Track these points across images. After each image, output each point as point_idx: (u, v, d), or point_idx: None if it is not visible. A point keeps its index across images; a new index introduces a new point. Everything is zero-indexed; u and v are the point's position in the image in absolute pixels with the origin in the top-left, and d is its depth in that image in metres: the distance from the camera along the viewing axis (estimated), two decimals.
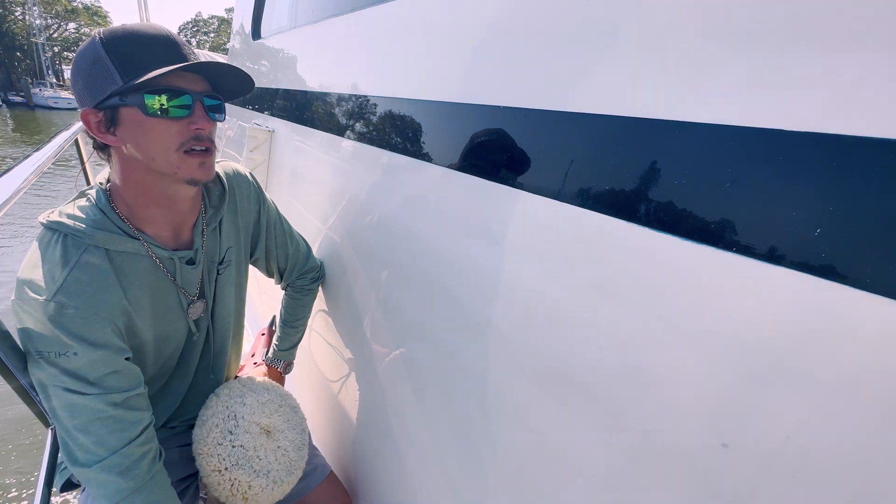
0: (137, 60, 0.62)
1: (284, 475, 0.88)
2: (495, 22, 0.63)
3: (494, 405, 0.61)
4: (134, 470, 0.68)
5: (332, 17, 1.20)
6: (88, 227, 0.67)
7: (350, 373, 1.04)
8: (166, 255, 0.74)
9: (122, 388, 0.68)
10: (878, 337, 0.29)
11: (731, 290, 0.36)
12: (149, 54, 0.62)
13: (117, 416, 0.67)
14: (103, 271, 0.67)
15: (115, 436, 0.67)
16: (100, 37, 0.62)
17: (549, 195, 0.52)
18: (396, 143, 0.84)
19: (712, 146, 0.38)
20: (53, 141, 1.31)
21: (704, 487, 0.38)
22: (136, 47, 0.62)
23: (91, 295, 0.65)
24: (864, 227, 0.30)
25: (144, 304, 0.74)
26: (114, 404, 0.66)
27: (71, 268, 0.64)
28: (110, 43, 0.62)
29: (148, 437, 0.71)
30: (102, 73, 0.62)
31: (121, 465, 0.67)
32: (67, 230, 0.66)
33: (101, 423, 0.66)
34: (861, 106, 0.30)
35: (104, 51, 0.61)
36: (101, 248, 0.67)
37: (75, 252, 0.65)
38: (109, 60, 0.61)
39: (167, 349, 0.82)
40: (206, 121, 0.67)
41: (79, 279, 0.64)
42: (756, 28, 0.36)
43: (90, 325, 0.64)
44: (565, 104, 0.51)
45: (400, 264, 0.83)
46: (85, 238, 0.66)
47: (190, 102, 0.65)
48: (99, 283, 0.66)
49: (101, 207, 0.69)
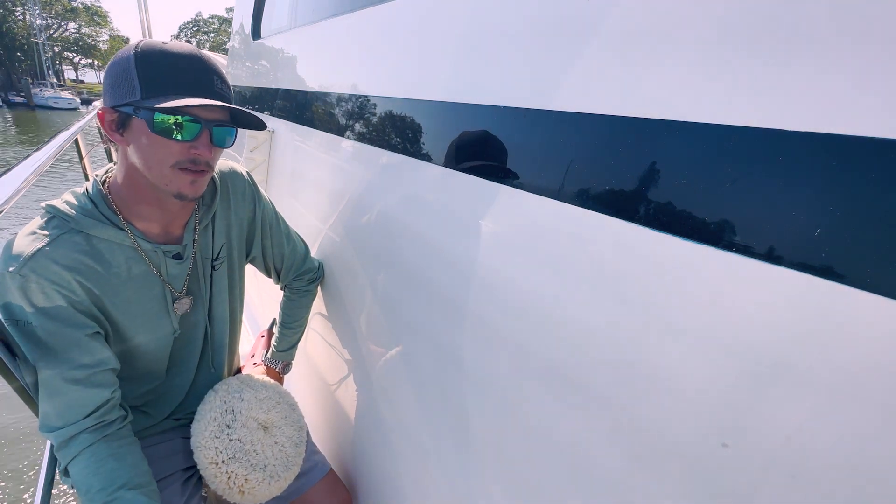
0: (161, 82, 0.66)
1: (281, 470, 0.88)
2: (495, 22, 0.63)
3: (493, 404, 0.61)
4: (82, 436, 0.70)
5: (332, 17, 1.20)
6: (77, 212, 0.71)
7: (350, 372, 1.04)
8: (151, 247, 0.77)
9: (84, 364, 0.70)
10: (878, 337, 0.29)
11: (731, 290, 0.36)
12: (174, 79, 0.66)
13: (76, 391, 0.69)
14: (76, 252, 0.70)
15: (73, 409, 0.70)
16: (136, 49, 0.66)
17: (550, 195, 0.52)
18: (396, 143, 0.84)
19: (712, 146, 0.38)
20: (53, 141, 1.31)
21: (704, 487, 0.38)
22: (164, 69, 0.66)
23: (55, 271, 0.68)
24: (864, 227, 0.30)
25: (123, 293, 0.76)
26: (74, 380, 0.69)
27: (44, 244, 0.68)
28: (143, 58, 0.66)
29: (104, 411, 0.72)
30: (127, 82, 0.66)
31: (66, 435, 0.70)
32: (57, 213, 0.70)
33: (61, 395, 0.69)
34: (861, 106, 0.30)
35: (135, 63, 0.65)
36: (83, 232, 0.71)
37: (55, 232, 0.69)
38: (136, 74, 0.65)
39: (154, 343, 0.83)
40: (207, 148, 0.70)
41: (47, 254, 0.67)
42: (756, 28, 0.36)
43: (49, 299, 0.67)
44: (565, 104, 0.51)
45: (399, 264, 0.83)
46: (70, 222, 0.70)
47: (197, 130, 0.68)
48: (68, 261, 0.69)
49: (91, 198, 0.73)
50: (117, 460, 0.71)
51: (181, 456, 0.91)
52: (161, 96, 0.65)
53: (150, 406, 0.90)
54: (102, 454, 0.70)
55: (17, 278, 0.65)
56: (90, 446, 0.70)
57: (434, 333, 0.73)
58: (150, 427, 0.91)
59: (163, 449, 0.90)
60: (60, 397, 0.69)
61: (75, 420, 0.70)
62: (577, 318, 0.49)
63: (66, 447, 0.70)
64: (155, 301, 0.81)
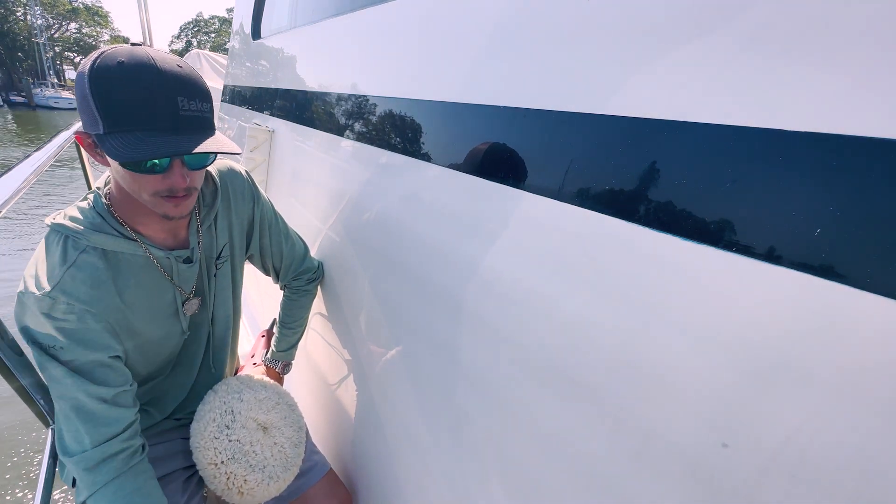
0: (121, 114, 0.60)
1: (280, 471, 0.88)
2: (495, 22, 0.63)
3: (493, 404, 0.61)
4: (111, 463, 0.69)
5: (332, 17, 1.20)
6: (86, 229, 0.70)
7: (350, 372, 1.04)
8: (163, 255, 0.76)
9: (109, 384, 0.70)
10: (878, 337, 0.29)
11: (731, 290, 0.36)
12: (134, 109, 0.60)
13: (100, 412, 0.69)
14: (98, 270, 0.70)
15: (96, 431, 0.69)
16: (91, 72, 0.59)
17: (550, 195, 0.52)
18: (396, 143, 0.84)
19: (712, 146, 0.38)
20: (53, 141, 1.31)
21: (704, 487, 0.38)
22: (121, 97, 0.59)
23: (84, 292, 0.68)
24: (864, 227, 0.30)
25: (141, 302, 0.76)
26: (100, 399, 0.69)
27: (68, 266, 0.67)
28: (97, 85, 0.59)
29: (130, 433, 0.72)
30: (89, 112, 0.60)
31: (95, 459, 0.69)
32: (68, 232, 0.69)
33: (84, 417, 0.68)
34: (861, 106, 0.30)
35: (90, 91, 0.59)
36: (98, 248, 0.70)
37: (74, 252, 0.69)
38: (94, 104, 0.59)
39: (165, 345, 0.84)
40: (181, 178, 0.66)
41: (74, 277, 0.67)
42: (756, 28, 0.36)
43: (80, 322, 0.67)
44: (565, 104, 0.51)
45: (399, 264, 0.83)
46: (83, 239, 0.69)
47: (167, 164, 0.65)
48: (93, 281, 0.69)
49: (98, 211, 0.72)
50: (142, 497, 0.71)
51: (182, 455, 0.91)
52: (125, 133, 0.60)
53: (151, 405, 0.90)
54: (128, 488, 0.69)
55: (47, 301, 0.65)
56: (117, 478, 0.69)
57: (434, 333, 0.73)
58: (152, 427, 0.91)
59: (163, 448, 0.90)
60: (88, 416, 0.68)
61: (106, 439, 0.69)
62: (577, 318, 0.49)
63: (95, 472, 0.69)
64: (167, 305, 0.81)
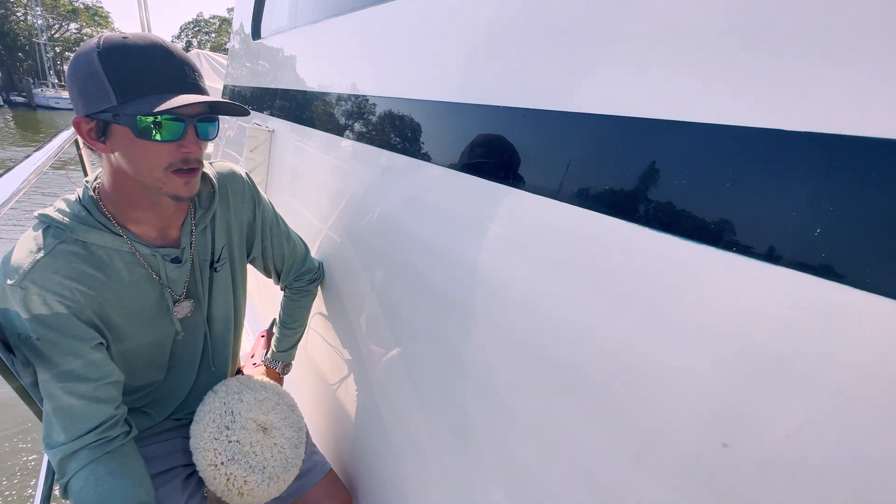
0: (135, 83, 0.61)
1: (280, 472, 0.88)
2: (495, 22, 0.63)
3: (494, 404, 0.61)
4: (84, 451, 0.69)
5: (332, 17, 1.20)
6: (71, 221, 0.69)
7: (350, 372, 1.04)
8: (149, 252, 0.76)
9: (88, 379, 0.69)
10: (878, 337, 0.29)
11: (731, 290, 0.36)
12: (146, 74, 0.62)
13: (77, 408, 0.68)
14: (76, 262, 0.69)
15: (73, 426, 0.69)
16: (98, 50, 0.61)
17: (550, 195, 0.52)
18: (396, 143, 0.84)
19: (712, 146, 0.38)
20: (53, 141, 1.31)
21: (704, 487, 0.38)
22: (133, 65, 0.61)
23: (57, 282, 0.67)
24: (864, 227, 0.30)
25: (122, 299, 0.75)
26: (78, 394, 0.68)
27: (43, 255, 0.66)
28: (108, 58, 0.61)
29: (110, 425, 0.71)
30: (98, 87, 0.61)
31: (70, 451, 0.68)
32: (52, 222, 0.69)
33: (61, 414, 0.68)
34: (861, 106, 0.30)
35: (101, 66, 0.61)
36: (80, 240, 0.70)
37: (52, 241, 0.68)
38: (106, 77, 0.61)
39: (154, 346, 0.83)
40: (196, 145, 0.68)
41: (47, 265, 0.66)
42: (756, 28, 0.36)
43: (51, 310, 0.66)
44: (565, 104, 0.51)
45: (400, 264, 0.83)
46: (66, 230, 0.69)
47: (182, 129, 0.66)
48: (69, 271, 0.68)
49: (84, 204, 0.71)
50: (116, 478, 0.69)
51: (182, 454, 0.91)
52: (139, 99, 0.61)
53: (150, 406, 0.90)
54: (101, 472, 0.69)
55: (18, 291, 0.64)
56: (90, 464, 0.69)
57: (434, 333, 0.73)
58: (151, 427, 0.91)
59: (163, 447, 0.90)
60: (64, 411, 0.68)
61: (79, 434, 0.69)
62: (577, 319, 0.49)
63: (68, 463, 0.69)
64: (155, 305, 0.80)
